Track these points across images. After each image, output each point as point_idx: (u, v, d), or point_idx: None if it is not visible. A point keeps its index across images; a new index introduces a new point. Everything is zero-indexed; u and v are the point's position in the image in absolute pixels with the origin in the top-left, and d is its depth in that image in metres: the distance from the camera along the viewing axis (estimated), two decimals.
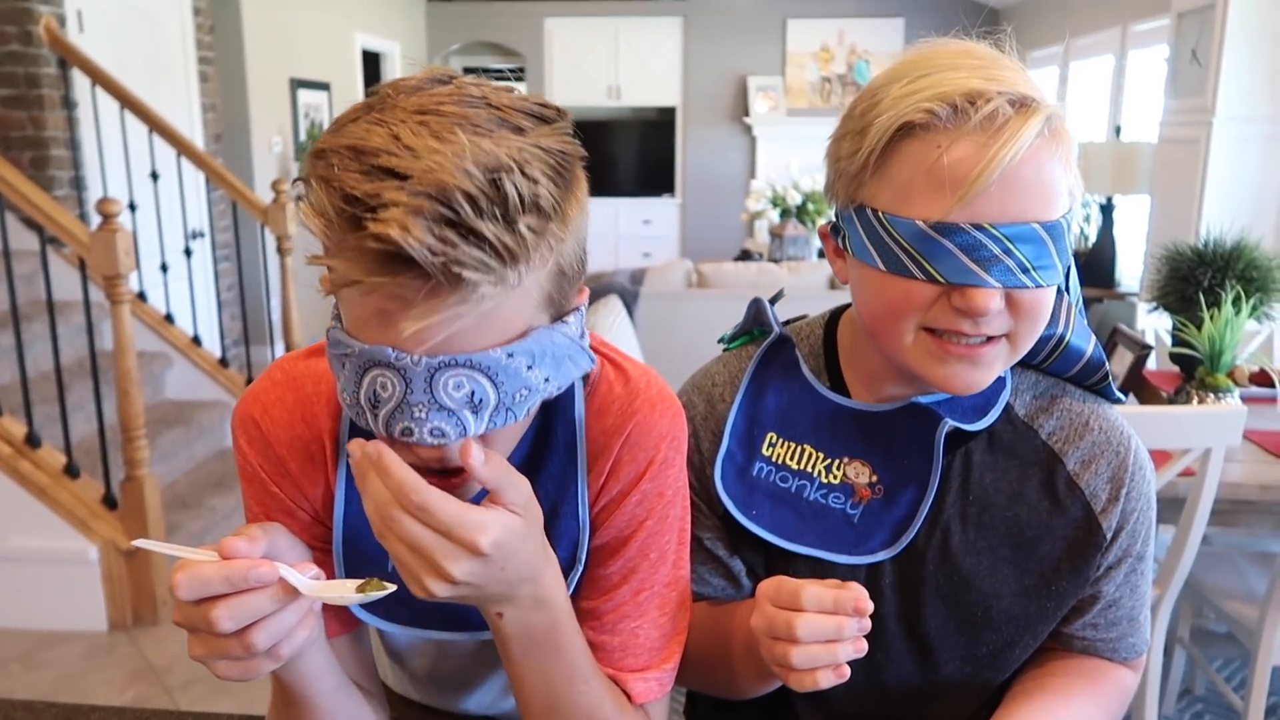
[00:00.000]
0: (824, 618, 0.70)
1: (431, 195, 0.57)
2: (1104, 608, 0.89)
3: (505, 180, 0.58)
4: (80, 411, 3.09)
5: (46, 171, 3.59)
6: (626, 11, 8.02)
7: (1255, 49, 3.60)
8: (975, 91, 0.73)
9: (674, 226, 8.43)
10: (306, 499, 0.79)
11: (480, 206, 0.58)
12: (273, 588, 0.62)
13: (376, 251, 0.57)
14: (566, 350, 0.68)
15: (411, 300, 0.59)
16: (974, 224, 0.73)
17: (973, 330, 0.77)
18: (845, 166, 0.80)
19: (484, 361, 0.63)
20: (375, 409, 0.64)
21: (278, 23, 5.40)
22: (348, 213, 0.58)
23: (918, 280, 0.76)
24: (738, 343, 0.98)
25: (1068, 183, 0.76)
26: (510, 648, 0.72)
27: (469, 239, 0.57)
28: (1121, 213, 4.75)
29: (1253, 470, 1.89)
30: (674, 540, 0.81)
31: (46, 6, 3.55)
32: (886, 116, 0.75)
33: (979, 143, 0.72)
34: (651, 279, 4.10)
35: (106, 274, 2.57)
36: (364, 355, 0.63)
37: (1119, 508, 0.86)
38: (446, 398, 0.63)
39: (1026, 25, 7.02)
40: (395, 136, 0.59)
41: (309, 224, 0.61)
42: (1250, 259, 2.17)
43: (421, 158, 0.57)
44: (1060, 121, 0.75)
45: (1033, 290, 0.76)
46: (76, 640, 2.70)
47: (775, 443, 0.90)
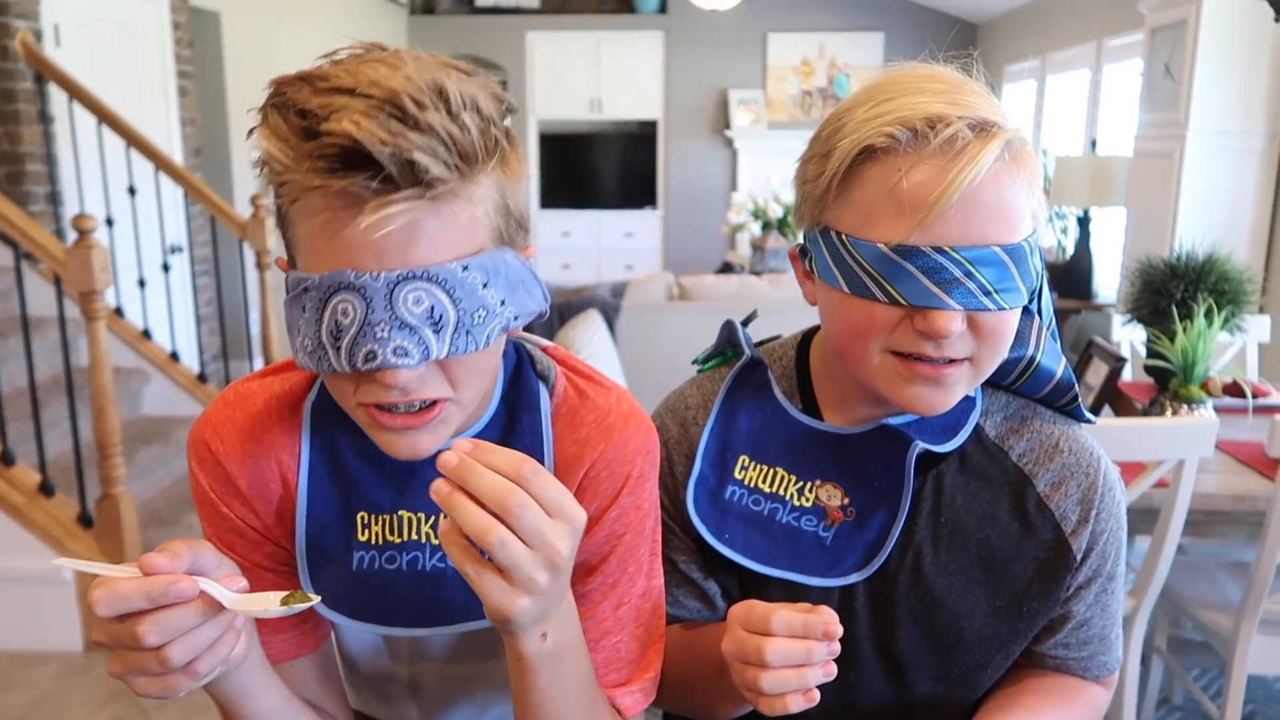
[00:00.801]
0: (793, 642, 0.70)
1: (380, 98, 0.61)
2: (1075, 627, 0.90)
3: (448, 85, 0.63)
4: (56, 429, 3.06)
5: (22, 187, 3.56)
6: (608, 25, 8.05)
7: (1227, 64, 3.65)
8: (936, 116, 0.73)
9: (656, 239, 8.46)
10: (258, 516, 0.79)
11: (424, 103, 0.62)
12: (196, 602, 0.61)
13: (332, 153, 0.61)
14: (520, 275, 0.70)
15: (367, 198, 0.62)
16: (935, 247, 0.74)
17: (935, 353, 0.77)
18: (811, 189, 0.81)
19: (440, 274, 0.65)
20: (338, 340, 0.65)
21: (259, 37, 5.40)
22: (301, 125, 0.62)
23: (880, 302, 0.76)
24: (710, 364, 0.98)
25: (1030, 205, 0.77)
26: (539, 679, 0.70)
27: (416, 129, 0.61)
28: (1098, 225, 4.80)
29: (1226, 480, 1.91)
30: (648, 552, 0.82)
31: (23, 21, 3.53)
32: (849, 140, 0.76)
33: (938, 166, 0.73)
34: (632, 292, 4.10)
35: (82, 290, 2.55)
36: (323, 282, 0.65)
37: (1089, 529, 0.87)
38: (407, 313, 0.64)
39: (1004, 40, 7.10)
40: (344, 69, 0.64)
41: (266, 147, 0.63)
42: (1222, 272, 2.20)
43: (367, 75, 0.62)
44: (1022, 145, 0.76)
45: (995, 313, 0.77)
46: (52, 661, 2.66)
47: (748, 466, 0.90)
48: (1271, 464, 1.95)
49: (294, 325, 0.68)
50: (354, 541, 0.78)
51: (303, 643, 0.82)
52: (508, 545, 0.60)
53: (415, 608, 0.78)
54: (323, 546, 0.78)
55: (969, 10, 7.52)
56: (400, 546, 0.78)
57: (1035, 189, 0.77)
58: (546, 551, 0.62)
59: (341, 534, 0.78)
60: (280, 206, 0.68)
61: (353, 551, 0.78)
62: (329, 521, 0.78)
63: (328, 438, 0.79)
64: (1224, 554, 2.39)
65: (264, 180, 0.66)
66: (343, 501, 0.78)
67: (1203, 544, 2.47)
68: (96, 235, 2.57)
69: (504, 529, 0.61)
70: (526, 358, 0.83)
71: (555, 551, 0.62)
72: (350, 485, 0.78)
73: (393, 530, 0.78)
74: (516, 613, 0.63)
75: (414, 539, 0.78)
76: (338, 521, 0.78)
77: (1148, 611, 1.82)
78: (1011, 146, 0.75)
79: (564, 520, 0.63)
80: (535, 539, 0.61)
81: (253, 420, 0.79)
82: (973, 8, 7.40)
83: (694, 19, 7.79)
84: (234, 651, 0.65)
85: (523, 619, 0.64)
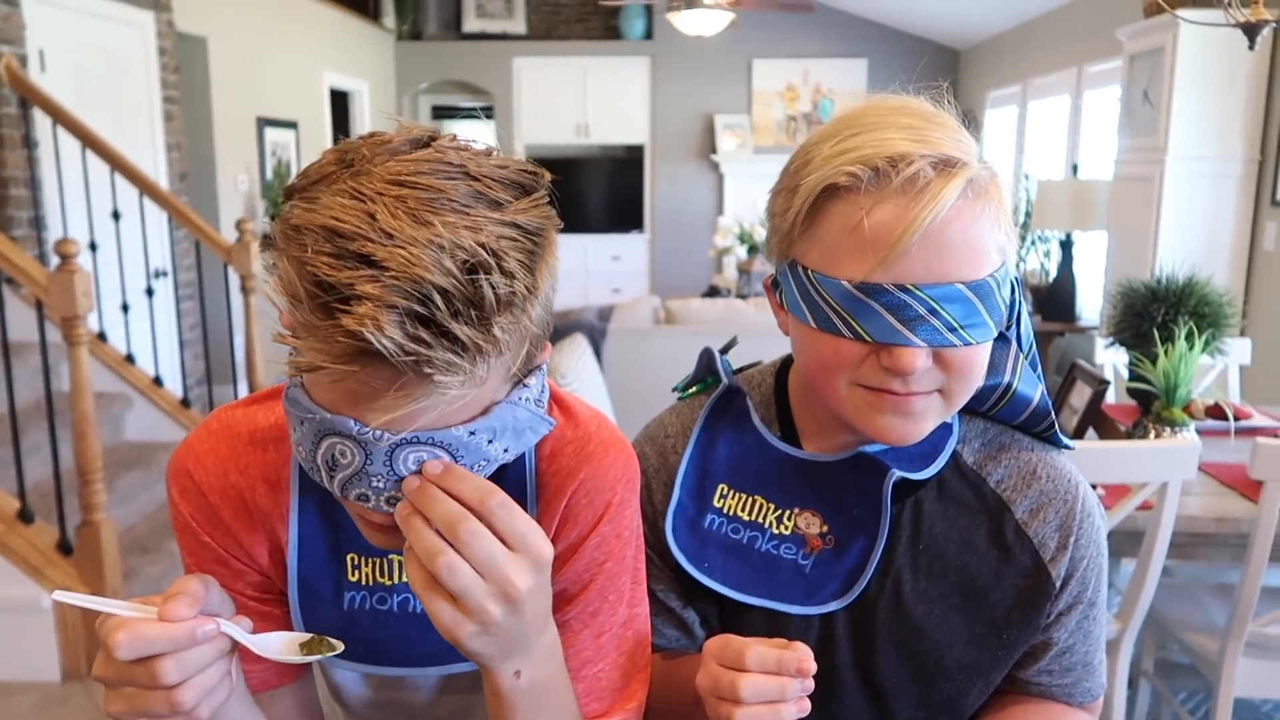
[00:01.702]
0: (768, 679, 0.71)
1: (406, 291, 0.55)
2: (1057, 654, 0.89)
3: (483, 280, 0.57)
4: (36, 455, 3.03)
5: (5, 211, 3.55)
6: (594, 51, 8.12)
7: (1204, 90, 3.71)
8: (898, 155, 0.73)
9: (643, 262, 8.48)
10: (241, 547, 0.78)
11: (456, 307, 0.57)
12: (216, 641, 0.62)
13: (346, 343, 0.56)
14: (528, 422, 0.68)
15: (379, 391, 0.59)
16: (898, 285, 0.74)
17: (902, 388, 0.77)
18: (779, 223, 0.81)
19: (445, 439, 0.63)
20: (332, 472, 0.64)
21: (245, 62, 5.41)
22: (320, 298, 0.57)
23: (846, 338, 0.77)
24: (690, 392, 0.98)
25: (997, 240, 0.77)
26: (517, 711, 0.70)
27: (442, 340, 0.57)
28: (1080, 248, 4.84)
29: (1209, 503, 1.91)
30: (629, 580, 0.81)
31: (7, 46, 3.53)
32: (814, 178, 0.76)
33: (900, 205, 0.73)
34: (619, 316, 4.11)
35: (64, 315, 2.53)
36: (325, 424, 0.62)
37: (1067, 555, 0.87)
38: (405, 470, 0.63)
39: (986, 66, 7.19)
40: (371, 216, 0.57)
41: (277, 300, 0.60)
42: (1202, 295, 2.22)
43: (399, 246, 0.56)
44: (988, 181, 0.76)
45: (961, 349, 0.77)
46: (28, 691, 2.62)
47: (726, 494, 0.90)
48: (1254, 486, 1.95)
49: (292, 423, 0.66)
50: (345, 582, 0.77)
51: (284, 672, 0.81)
52: (456, 571, 0.61)
53: (405, 649, 0.78)
54: (314, 586, 0.77)
55: (951, 37, 7.62)
56: (391, 589, 0.78)
57: (1003, 223, 0.77)
58: (500, 584, 0.61)
59: (332, 574, 0.77)
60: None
61: (343, 592, 0.77)
62: (320, 562, 0.77)
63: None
64: (1209, 576, 2.40)
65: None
66: (332, 542, 0.78)
67: (1187, 566, 2.48)
68: (79, 260, 2.56)
69: (453, 554, 0.61)
70: None
71: (511, 585, 0.62)
72: (338, 526, 0.77)
73: (383, 573, 0.78)
74: (465, 640, 0.63)
75: (405, 581, 0.77)
76: (328, 562, 0.77)
77: (1134, 635, 1.82)
78: (975, 184, 0.75)
79: (526, 555, 0.62)
80: (488, 569, 0.61)
81: (236, 451, 0.77)
82: (955, 35, 7.50)
83: (680, 45, 7.87)
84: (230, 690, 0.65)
85: (476, 648, 0.64)
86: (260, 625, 0.70)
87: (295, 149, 6.06)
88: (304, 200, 0.60)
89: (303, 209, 0.59)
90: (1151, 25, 3.87)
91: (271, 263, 0.61)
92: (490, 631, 0.63)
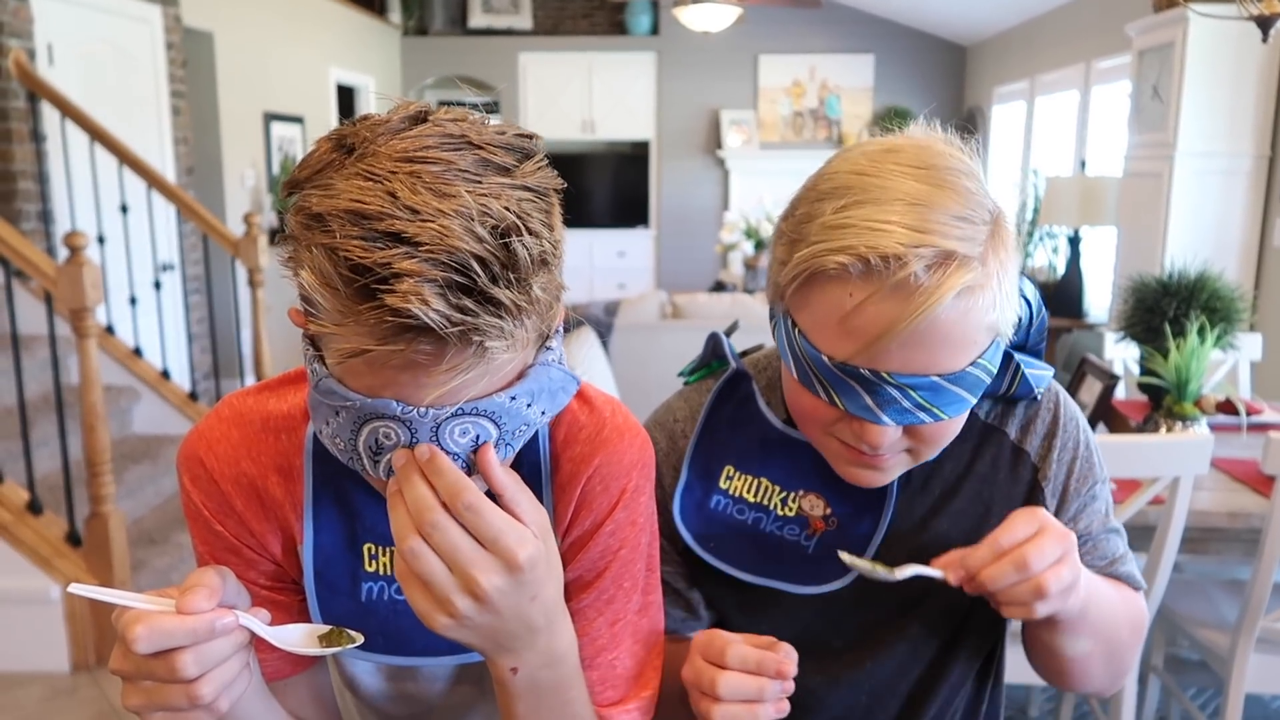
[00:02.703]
0: (746, 678, 0.73)
1: (444, 263, 0.56)
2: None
3: (515, 242, 0.58)
4: (45, 447, 3.03)
5: (13, 205, 3.55)
6: (600, 47, 8.11)
7: (1214, 86, 3.69)
8: (892, 255, 0.70)
9: (649, 258, 8.48)
10: (254, 536, 0.77)
11: (494, 272, 0.57)
12: (235, 634, 0.62)
13: (393, 322, 0.56)
14: (560, 383, 0.68)
15: (425, 365, 0.59)
16: (873, 370, 0.74)
17: (871, 453, 0.80)
18: (776, 270, 0.80)
19: (489, 407, 0.63)
20: (377, 456, 0.64)
21: (251, 57, 5.41)
22: (357, 283, 0.56)
23: (822, 400, 0.79)
24: (696, 376, 0.99)
25: (989, 320, 0.75)
26: (518, 707, 0.71)
27: (487, 305, 0.57)
28: (1088, 244, 4.83)
29: (1221, 498, 1.91)
30: (644, 567, 0.81)
31: (16, 40, 3.53)
32: (806, 253, 0.74)
33: (889, 305, 0.72)
34: (626, 311, 4.11)
35: (73, 307, 2.54)
36: (366, 409, 0.62)
37: (1053, 455, 0.90)
38: (452, 444, 0.63)
39: (993, 61, 7.17)
40: (392, 194, 0.57)
41: (313, 294, 0.59)
42: (1214, 290, 2.21)
43: (427, 220, 0.56)
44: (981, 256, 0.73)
45: (932, 424, 0.78)
46: (37, 682, 2.63)
47: (733, 476, 0.91)
48: (1266, 481, 1.95)
49: (321, 415, 0.65)
50: (361, 572, 0.77)
51: (297, 661, 0.80)
52: (420, 557, 0.61)
53: (422, 640, 0.77)
54: (330, 578, 0.77)
55: (958, 33, 7.60)
56: None
57: (1000, 299, 0.75)
58: (465, 579, 0.61)
59: (349, 565, 0.77)
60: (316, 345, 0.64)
61: (360, 583, 0.77)
62: (336, 553, 0.77)
63: (330, 468, 0.77)
64: (1220, 572, 2.39)
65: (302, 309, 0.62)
66: (348, 533, 0.77)
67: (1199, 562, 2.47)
68: (88, 253, 2.56)
69: (418, 539, 0.61)
70: None
71: (474, 582, 0.61)
72: (355, 516, 0.77)
73: None
74: (440, 630, 0.63)
75: None
76: (345, 553, 0.77)
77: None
78: (971, 281, 0.72)
79: (498, 555, 0.62)
80: (453, 563, 0.61)
81: (248, 438, 0.77)
82: (962, 30, 7.48)
83: (686, 41, 7.85)
84: (249, 683, 0.66)
85: (455, 637, 0.64)
86: (274, 614, 0.69)
87: (301, 144, 6.06)
88: (317, 189, 0.59)
89: (320, 196, 0.59)
90: (1161, 20, 3.85)
91: (289, 256, 0.61)
92: (463, 624, 0.63)
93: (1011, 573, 0.73)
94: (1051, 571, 0.73)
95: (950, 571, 0.77)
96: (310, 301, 0.60)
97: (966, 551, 0.76)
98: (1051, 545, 0.74)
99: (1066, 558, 0.75)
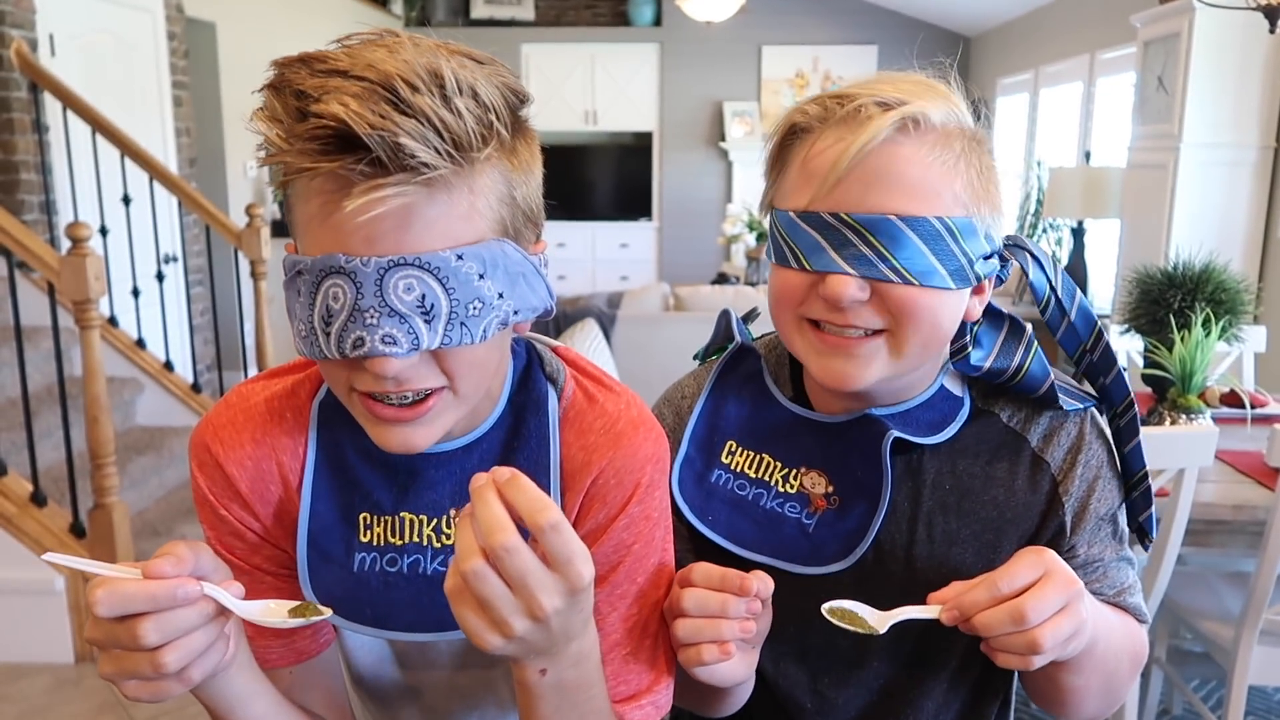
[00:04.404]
0: (709, 593, 0.73)
1: (373, 81, 0.61)
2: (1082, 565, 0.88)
3: (444, 69, 0.62)
4: (49, 439, 3.04)
5: (16, 196, 3.55)
6: (603, 38, 8.08)
7: (1218, 77, 3.67)
8: (848, 95, 0.78)
9: (651, 250, 8.46)
10: (257, 519, 0.78)
11: (417, 87, 0.61)
12: (199, 605, 0.61)
13: (323, 135, 0.60)
14: (520, 267, 0.68)
15: (356, 182, 0.61)
16: (831, 213, 0.76)
17: (840, 320, 0.79)
18: (765, 179, 0.86)
19: (433, 261, 0.64)
20: (328, 326, 0.65)
21: (254, 48, 5.40)
22: (295, 106, 0.62)
23: (792, 269, 0.80)
24: (710, 357, 0.99)
25: (954, 189, 0.77)
26: (542, 707, 0.70)
27: (407, 113, 0.60)
28: (1092, 236, 4.81)
29: (1225, 490, 1.90)
30: (657, 561, 0.80)
31: (17, 30, 3.52)
32: (782, 117, 0.83)
33: (839, 136, 0.77)
34: (628, 302, 4.10)
35: (76, 299, 2.54)
36: (315, 265, 0.64)
37: (1077, 472, 0.87)
38: (397, 300, 0.63)
39: (997, 53, 7.14)
40: (345, 52, 0.63)
41: (262, 129, 0.63)
42: (1219, 281, 2.20)
43: (366, 58, 0.62)
44: (955, 132, 0.78)
45: (900, 286, 0.77)
46: (42, 673, 2.63)
47: (734, 451, 0.91)
48: (1271, 473, 1.94)
49: (292, 310, 0.68)
50: (356, 543, 0.77)
51: (302, 649, 0.80)
52: (483, 579, 0.60)
53: (415, 612, 0.77)
54: (324, 547, 0.77)
55: (961, 24, 7.57)
56: (401, 549, 0.77)
57: (961, 174, 0.77)
58: (528, 601, 0.61)
59: (343, 535, 0.77)
60: (281, 191, 0.67)
61: (354, 553, 0.77)
62: (331, 522, 0.77)
63: (332, 435, 0.77)
64: (1223, 564, 2.39)
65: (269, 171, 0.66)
66: (345, 501, 0.77)
67: (1202, 554, 2.47)
68: (90, 244, 2.56)
69: (482, 562, 0.60)
70: (536, 359, 0.81)
71: (538, 605, 0.61)
72: (353, 485, 0.77)
73: (394, 532, 0.77)
74: (488, 649, 0.62)
75: (415, 541, 0.76)
76: (340, 522, 0.77)
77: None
78: (920, 124, 0.76)
79: (564, 578, 0.61)
80: (519, 586, 0.60)
81: (253, 421, 0.78)
82: (965, 21, 7.45)
83: (689, 32, 7.82)
84: (224, 656, 0.65)
85: (501, 654, 0.64)
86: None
87: None
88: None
89: (282, 57, 0.65)
90: (1167, 10, 3.83)
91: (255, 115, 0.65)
92: (513, 642, 0.63)
93: (1008, 623, 0.70)
94: (1050, 624, 0.70)
95: (945, 611, 0.73)
96: (265, 142, 0.64)
97: (963, 589, 0.73)
98: (1055, 594, 0.70)
99: (1070, 608, 0.71)
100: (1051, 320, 0.88)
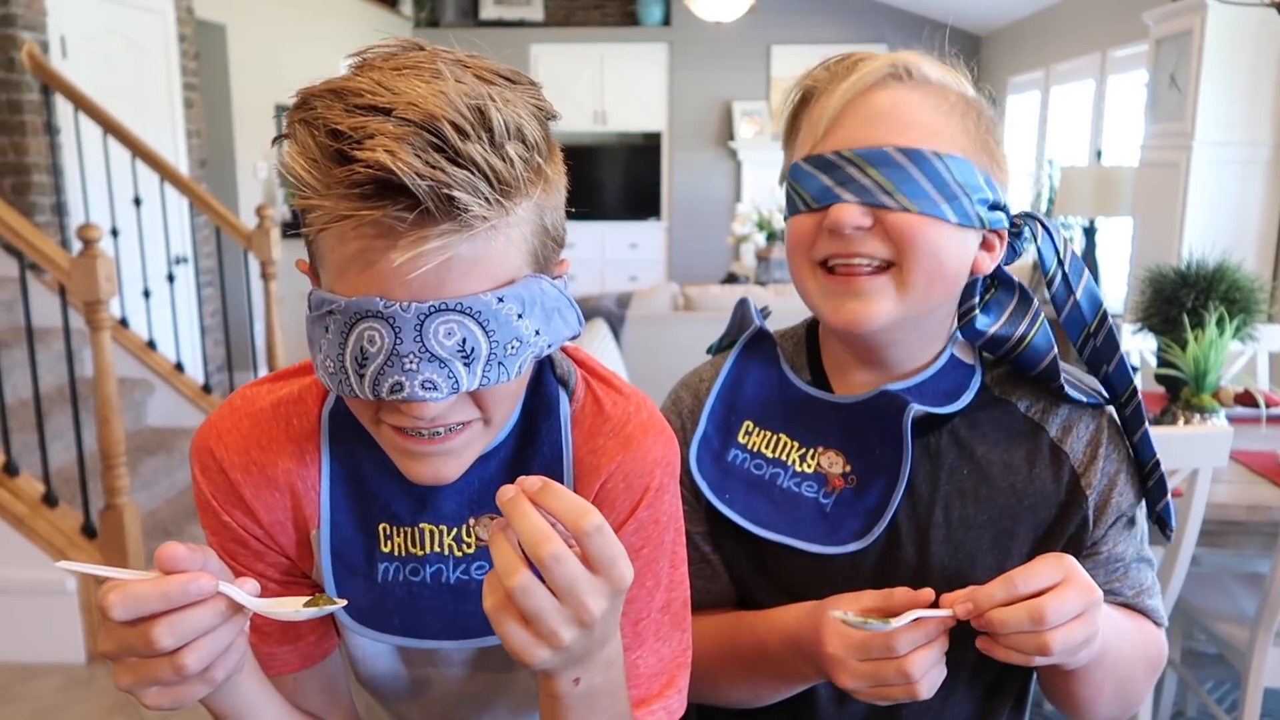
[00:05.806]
0: (927, 650, 0.74)
1: (417, 124, 0.57)
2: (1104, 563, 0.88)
3: (490, 109, 0.59)
4: (60, 439, 3.05)
5: (28, 197, 3.57)
6: (612, 38, 8.08)
7: (1231, 75, 3.65)
8: (850, 55, 0.84)
9: (660, 250, 8.46)
10: (261, 527, 0.76)
11: (466, 132, 0.58)
12: (214, 602, 0.59)
13: (365, 182, 0.57)
14: (555, 302, 0.67)
15: (401, 231, 0.59)
16: (834, 151, 0.80)
17: (846, 251, 0.80)
18: (784, 147, 0.90)
19: (474, 306, 0.62)
20: (362, 368, 0.62)
21: (264, 49, 5.41)
22: (333, 148, 0.58)
23: (801, 213, 0.83)
24: (724, 348, 0.99)
25: (950, 131, 0.80)
26: (570, 713, 0.68)
27: (457, 163, 0.58)
28: (1104, 235, 4.79)
29: (1240, 491, 1.89)
30: (668, 565, 0.79)
31: (29, 32, 3.54)
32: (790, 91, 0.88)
33: (839, 81, 0.82)
34: (638, 302, 4.10)
35: (87, 300, 2.55)
36: (350, 308, 0.61)
37: (1098, 466, 0.87)
38: (438, 345, 0.61)
39: (1008, 51, 7.11)
40: (378, 82, 0.59)
41: (294, 168, 0.60)
42: (1232, 280, 2.19)
43: (405, 94, 0.58)
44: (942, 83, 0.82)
45: (899, 214, 0.79)
46: (54, 673, 2.64)
47: (752, 431, 0.91)
48: None
49: (316, 342, 0.65)
50: (377, 553, 0.76)
51: (308, 654, 0.80)
52: (530, 593, 0.58)
53: (440, 621, 0.76)
54: (347, 559, 0.76)
55: (972, 22, 7.54)
56: (423, 559, 0.76)
57: (957, 121, 0.81)
58: (577, 609, 0.59)
59: (364, 545, 0.76)
60: (305, 228, 0.64)
61: (377, 563, 0.76)
62: (351, 534, 0.76)
63: (346, 447, 0.76)
64: (1238, 565, 2.37)
65: (288, 195, 0.63)
66: (364, 513, 0.76)
67: (1216, 555, 2.45)
68: (101, 245, 2.57)
69: (528, 575, 0.58)
70: (548, 361, 0.80)
71: (586, 611, 0.59)
72: (371, 497, 0.76)
73: (414, 543, 0.76)
74: (536, 663, 0.61)
75: (436, 551, 0.76)
76: (360, 534, 0.76)
77: None
78: (914, 73, 0.82)
79: (608, 580, 0.60)
80: (567, 594, 0.59)
81: (259, 426, 0.76)
82: (976, 19, 7.42)
83: (698, 31, 7.81)
84: (243, 656, 0.64)
85: (545, 668, 0.62)
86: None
87: None
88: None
89: (310, 86, 0.62)
90: (1179, 8, 3.81)
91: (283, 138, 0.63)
92: (559, 652, 0.61)
93: (1025, 621, 0.70)
94: (1064, 629, 0.70)
95: (959, 605, 0.73)
96: (296, 182, 0.61)
97: (978, 587, 0.73)
98: (1074, 599, 0.71)
99: (1086, 615, 0.71)
100: (1057, 296, 0.88)
